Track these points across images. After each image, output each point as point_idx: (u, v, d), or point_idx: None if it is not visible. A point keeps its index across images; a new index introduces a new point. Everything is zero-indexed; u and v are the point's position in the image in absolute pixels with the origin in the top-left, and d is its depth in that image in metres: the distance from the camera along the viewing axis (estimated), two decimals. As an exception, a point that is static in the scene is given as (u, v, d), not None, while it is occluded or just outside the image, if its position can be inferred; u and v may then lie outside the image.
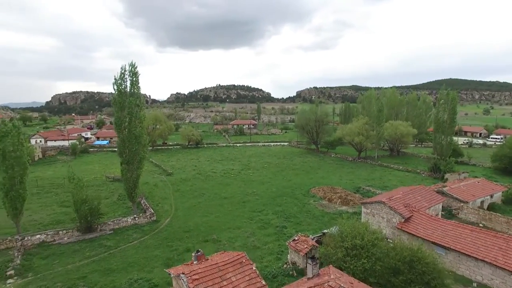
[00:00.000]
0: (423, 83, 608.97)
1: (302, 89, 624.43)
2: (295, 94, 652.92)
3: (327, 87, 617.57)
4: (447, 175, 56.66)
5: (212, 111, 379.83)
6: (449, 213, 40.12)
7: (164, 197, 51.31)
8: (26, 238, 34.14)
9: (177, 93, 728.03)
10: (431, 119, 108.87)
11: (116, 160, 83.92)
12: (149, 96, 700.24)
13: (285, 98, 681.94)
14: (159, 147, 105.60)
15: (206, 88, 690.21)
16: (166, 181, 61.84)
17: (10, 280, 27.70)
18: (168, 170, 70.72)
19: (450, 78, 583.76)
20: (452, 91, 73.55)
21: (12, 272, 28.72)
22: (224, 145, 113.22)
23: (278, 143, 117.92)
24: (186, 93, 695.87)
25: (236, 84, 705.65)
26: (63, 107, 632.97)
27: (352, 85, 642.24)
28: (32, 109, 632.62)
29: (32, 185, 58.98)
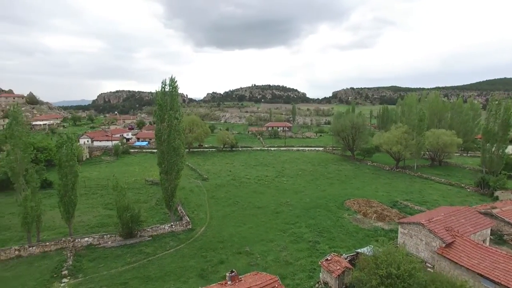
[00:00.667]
0: (471, 84, 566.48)
1: (338, 90, 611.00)
2: (330, 95, 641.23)
3: (364, 88, 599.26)
4: (497, 193, 52.88)
5: (247, 112, 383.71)
6: (499, 238, 37.34)
7: (200, 204, 52.90)
8: (76, 240, 36.93)
9: (213, 92, 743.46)
10: (480, 125, 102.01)
11: (154, 163, 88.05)
12: (186, 95, 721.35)
13: (320, 98, 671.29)
14: (195, 150, 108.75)
15: (241, 88, 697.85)
16: (202, 187, 63.63)
17: (64, 280, 30.25)
18: (203, 175, 72.67)
19: (505, 78, 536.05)
20: (506, 100, 68.30)
21: (66, 272, 31.31)
22: (259, 149, 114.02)
23: (313, 148, 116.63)
24: (222, 93, 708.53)
25: (271, 84, 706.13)
26: (107, 106, 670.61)
27: (391, 86, 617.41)
28: (81, 107, 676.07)
29: (81, 186, 63.26)
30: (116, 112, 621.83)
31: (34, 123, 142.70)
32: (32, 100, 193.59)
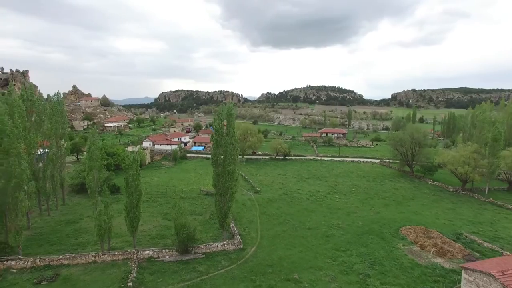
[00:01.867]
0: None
1: (398, 91, 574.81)
2: (389, 97, 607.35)
3: (427, 90, 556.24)
4: None
5: (301, 114, 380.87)
6: None
7: (251, 220, 54.26)
8: (139, 252, 40.49)
9: (267, 92, 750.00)
10: None
11: (209, 170, 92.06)
12: (241, 95, 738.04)
13: (378, 100, 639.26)
14: (249, 156, 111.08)
15: (296, 89, 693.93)
16: (254, 200, 65.09)
17: (130, 291, 33.53)
18: (256, 186, 74.17)
19: None
20: None
21: (131, 284, 34.59)
22: (312, 158, 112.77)
23: (368, 160, 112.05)
24: (276, 93, 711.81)
25: (326, 85, 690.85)
26: (168, 104, 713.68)
27: (460, 87, 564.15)
28: (144, 105, 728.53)
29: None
30: (175, 111, 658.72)
31: (106, 124, 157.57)
32: (105, 102, 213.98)
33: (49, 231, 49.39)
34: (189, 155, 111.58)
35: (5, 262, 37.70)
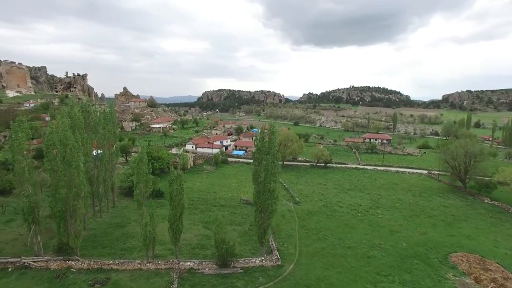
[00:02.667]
0: None
1: (450, 93, 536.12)
2: (440, 98, 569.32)
3: (486, 91, 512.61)
4: None
5: (343, 116, 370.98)
6: None
7: (290, 234, 54.00)
8: (180, 263, 42.12)
9: (309, 93, 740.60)
10: None
11: (249, 176, 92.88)
12: (283, 95, 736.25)
13: (427, 102, 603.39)
14: (289, 163, 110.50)
15: (338, 89, 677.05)
16: (293, 212, 64.70)
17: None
18: (296, 197, 73.66)
19: None
20: None
21: (172, 295, 36.18)
22: (354, 167, 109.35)
23: (415, 171, 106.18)
24: (318, 94, 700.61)
25: (370, 86, 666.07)
26: (210, 103, 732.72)
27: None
28: (188, 104, 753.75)
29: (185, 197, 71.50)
30: (217, 110, 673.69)
31: (152, 125, 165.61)
32: (151, 103, 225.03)
33: (101, 233, 53.17)
34: (230, 159, 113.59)
35: (67, 262, 41.44)
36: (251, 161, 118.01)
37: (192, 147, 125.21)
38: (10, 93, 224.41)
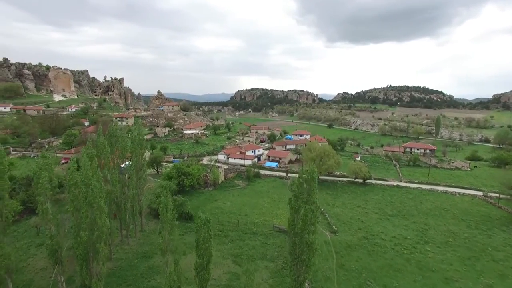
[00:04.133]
0: None
1: (502, 92, 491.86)
2: (488, 97, 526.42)
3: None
4: None
5: (380, 119, 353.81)
6: None
7: (327, 277, 48.69)
8: (206, 314, 38.34)
9: (344, 92, 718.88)
10: None
11: (282, 194, 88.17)
12: (316, 95, 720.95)
13: (473, 102, 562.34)
14: (324, 177, 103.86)
15: (375, 89, 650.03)
16: (330, 244, 59.11)
17: None
18: (332, 224, 67.81)
19: None
20: None
21: None
22: (395, 184, 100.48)
23: (466, 191, 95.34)
24: (353, 93, 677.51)
25: (409, 85, 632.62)
26: (243, 103, 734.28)
27: None
28: (221, 103, 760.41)
29: (214, 221, 68.00)
30: (250, 110, 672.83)
31: (184, 131, 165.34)
32: (185, 107, 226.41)
33: (127, 265, 50.99)
34: (262, 171, 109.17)
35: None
36: (284, 174, 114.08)
37: (224, 157, 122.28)
38: (57, 97, 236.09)
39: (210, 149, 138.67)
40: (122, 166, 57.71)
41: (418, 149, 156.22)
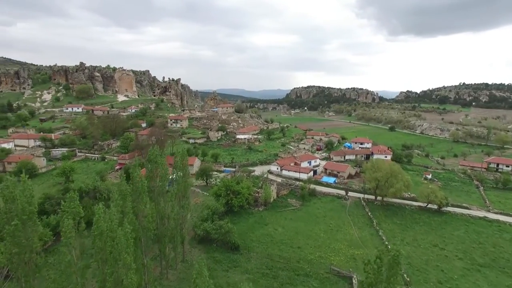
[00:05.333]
0: None
1: None
2: None
3: None
4: None
5: (452, 122, 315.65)
6: None
7: None
8: None
9: (407, 91, 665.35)
10: None
11: (341, 219, 77.55)
12: (376, 93, 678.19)
13: None
14: (390, 200, 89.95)
15: (444, 87, 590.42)
16: (402, 304, 47.73)
17: None
18: (403, 272, 55.62)
19: None
20: None
21: None
22: (482, 216, 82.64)
23: None
24: (418, 92, 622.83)
25: (489, 83, 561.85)
26: (299, 101, 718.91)
27: None
28: (276, 101, 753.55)
29: (263, 254, 60.35)
30: (305, 108, 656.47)
31: (237, 136, 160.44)
32: (239, 108, 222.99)
33: (163, 308, 45.62)
34: (318, 187, 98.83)
35: None
36: (342, 192, 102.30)
37: (277, 168, 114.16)
38: (120, 97, 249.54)
39: (263, 158, 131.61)
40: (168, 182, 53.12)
41: (508, 166, 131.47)
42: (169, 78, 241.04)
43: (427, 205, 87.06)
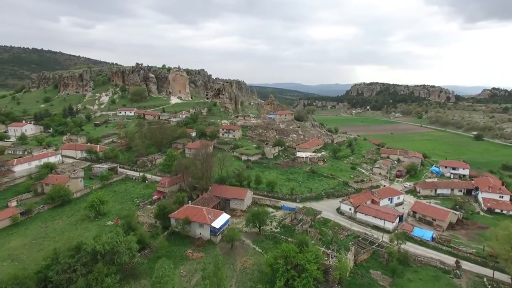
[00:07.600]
0: None
1: None
2: None
3: None
4: None
5: None
6: None
7: None
8: None
9: (492, 88, 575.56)
10: None
11: None
12: (452, 92, 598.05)
13: None
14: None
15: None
16: None
17: None
18: None
19: None
20: None
21: None
22: None
23: None
24: (508, 90, 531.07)
25: None
26: (360, 99, 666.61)
27: None
28: (335, 99, 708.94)
29: None
30: (368, 107, 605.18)
31: (297, 154, 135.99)
32: (299, 115, 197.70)
33: None
34: (410, 246, 71.82)
35: None
36: (447, 257, 72.46)
37: (350, 209, 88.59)
38: (173, 99, 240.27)
39: (329, 187, 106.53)
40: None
41: None
42: (222, 81, 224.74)
43: None
